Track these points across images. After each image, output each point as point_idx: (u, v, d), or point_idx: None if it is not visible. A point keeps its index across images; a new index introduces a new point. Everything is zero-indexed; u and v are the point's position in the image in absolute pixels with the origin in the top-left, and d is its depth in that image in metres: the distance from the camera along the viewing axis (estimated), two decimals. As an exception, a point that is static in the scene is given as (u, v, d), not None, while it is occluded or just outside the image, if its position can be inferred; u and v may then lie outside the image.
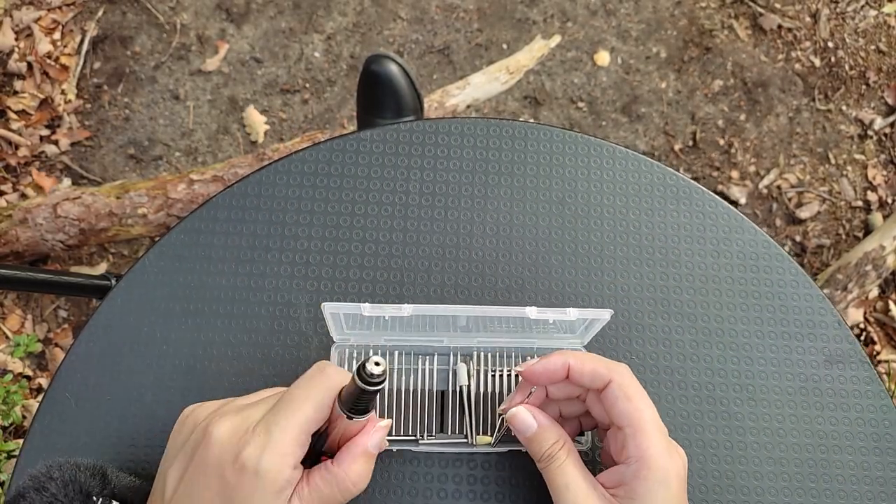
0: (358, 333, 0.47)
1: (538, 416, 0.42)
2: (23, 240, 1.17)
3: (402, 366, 0.48)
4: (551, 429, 0.41)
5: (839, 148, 1.45)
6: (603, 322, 0.43)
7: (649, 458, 0.38)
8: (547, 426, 0.42)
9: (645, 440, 0.38)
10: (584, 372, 0.40)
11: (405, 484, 0.47)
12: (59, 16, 1.45)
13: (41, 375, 1.23)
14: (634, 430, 0.39)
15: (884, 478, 0.49)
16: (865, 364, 0.51)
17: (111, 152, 1.39)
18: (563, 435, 0.42)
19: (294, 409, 0.36)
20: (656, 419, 0.40)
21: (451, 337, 0.47)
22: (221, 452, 0.35)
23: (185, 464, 0.37)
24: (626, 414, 0.39)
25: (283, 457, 0.35)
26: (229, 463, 0.35)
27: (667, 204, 0.55)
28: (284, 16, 1.47)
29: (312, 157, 0.55)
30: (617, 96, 1.46)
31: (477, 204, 0.55)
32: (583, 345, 0.48)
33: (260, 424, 0.36)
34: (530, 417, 0.42)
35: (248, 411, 0.37)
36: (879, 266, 1.23)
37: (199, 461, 0.36)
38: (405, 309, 0.40)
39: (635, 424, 0.39)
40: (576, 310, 0.42)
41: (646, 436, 0.38)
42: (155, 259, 0.52)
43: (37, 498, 0.36)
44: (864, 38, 1.51)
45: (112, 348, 0.49)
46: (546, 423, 0.42)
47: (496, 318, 0.44)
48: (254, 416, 0.37)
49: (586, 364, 0.41)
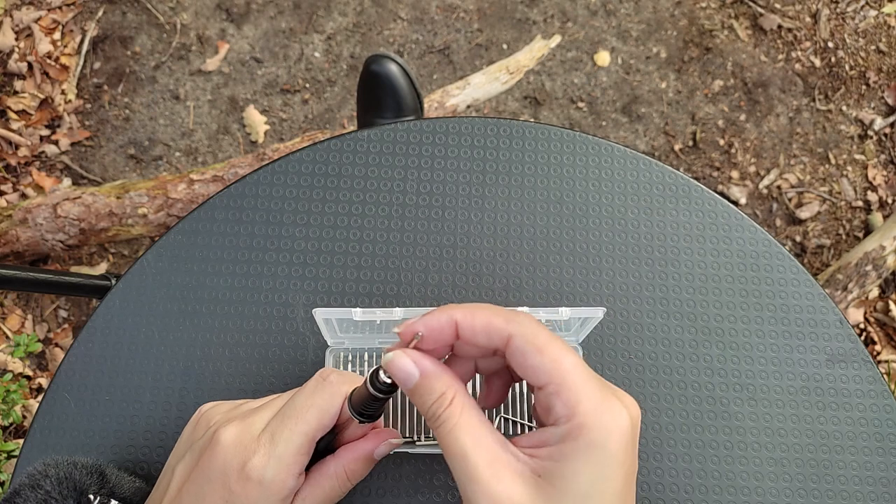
0: (352, 337, 0.47)
1: (422, 361, 0.33)
2: (23, 240, 1.17)
3: None
4: (440, 377, 0.32)
5: (839, 148, 1.45)
6: (597, 320, 0.43)
7: (579, 414, 0.30)
8: (434, 374, 0.32)
9: (571, 395, 0.30)
10: (476, 328, 0.32)
11: (402, 484, 0.47)
12: (59, 16, 1.45)
13: (41, 375, 1.23)
14: (556, 385, 0.30)
15: (887, 478, 0.49)
16: (868, 363, 0.51)
17: (111, 152, 1.39)
18: (453, 385, 0.32)
19: (298, 418, 0.36)
20: (582, 367, 0.31)
21: None
22: (227, 460, 0.36)
23: (191, 464, 0.37)
24: (540, 369, 0.31)
25: (287, 467, 0.35)
26: (234, 471, 0.35)
27: (666, 202, 0.55)
28: (284, 16, 1.47)
29: (310, 157, 0.55)
30: (617, 96, 1.45)
31: (475, 203, 0.54)
32: (578, 342, 0.48)
33: (265, 434, 0.36)
34: (411, 364, 0.32)
35: (253, 417, 0.38)
36: (880, 266, 1.23)
37: (204, 465, 0.36)
38: (396, 313, 0.40)
39: (555, 379, 0.30)
40: (568, 309, 0.40)
41: (571, 390, 0.30)
42: (153, 260, 0.52)
43: (31, 495, 0.37)
44: (864, 39, 1.51)
45: (111, 349, 0.49)
46: (433, 369, 0.33)
47: None
48: (258, 423, 0.37)
49: (477, 317, 0.32)
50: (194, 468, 0.37)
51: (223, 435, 0.36)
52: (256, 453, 0.35)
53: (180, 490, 0.37)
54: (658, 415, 0.49)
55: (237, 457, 0.35)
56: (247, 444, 0.36)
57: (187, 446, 0.39)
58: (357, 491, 0.46)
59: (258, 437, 0.36)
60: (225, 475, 0.35)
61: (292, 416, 0.36)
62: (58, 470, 0.38)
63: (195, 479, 0.36)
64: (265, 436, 0.36)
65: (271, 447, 0.35)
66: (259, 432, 0.36)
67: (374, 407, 0.36)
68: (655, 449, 0.49)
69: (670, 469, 0.48)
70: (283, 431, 0.36)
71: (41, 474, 0.38)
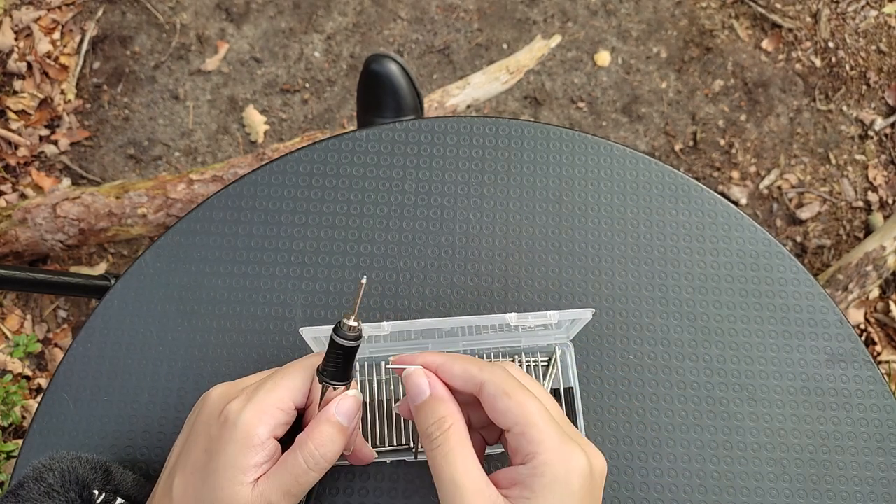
0: None
1: (435, 384, 0.36)
2: (22, 240, 1.17)
3: (392, 376, 0.47)
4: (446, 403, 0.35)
5: (840, 148, 1.44)
6: (585, 321, 0.43)
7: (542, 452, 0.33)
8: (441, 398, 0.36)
9: (536, 433, 0.33)
10: (455, 373, 0.36)
11: (399, 485, 0.47)
12: (58, 16, 1.45)
13: (41, 376, 1.23)
14: (521, 426, 0.34)
15: (887, 479, 0.48)
16: (868, 363, 0.51)
17: (111, 152, 1.39)
18: (455, 415, 0.35)
19: (283, 374, 0.37)
20: (544, 412, 0.34)
21: (437, 343, 0.47)
22: (211, 409, 0.37)
23: (186, 433, 0.39)
24: (507, 412, 0.34)
25: (261, 414, 0.36)
26: (215, 417, 0.37)
27: (665, 202, 0.55)
28: (284, 16, 1.47)
29: (308, 156, 0.55)
30: (617, 96, 1.45)
31: (473, 203, 0.54)
32: (569, 339, 0.48)
33: (251, 386, 0.38)
34: (425, 383, 0.36)
35: (244, 379, 0.40)
36: (880, 266, 1.22)
37: (194, 424, 0.38)
38: (384, 327, 0.40)
39: (520, 421, 0.34)
40: (556, 312, 0.41)
41: (535, 429, 0.33)
42: (151, 260, 0.52)
43: (34, 487, 0.38)
44: (864, 39, 1.50)
45: (109, 349, 0.49)
46: (442, 394, 0.36)
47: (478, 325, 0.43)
48: (247, 382, 0.39)
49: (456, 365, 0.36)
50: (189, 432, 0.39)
51: (212, 392, 0.39)
52: (237, 399, 0.36)
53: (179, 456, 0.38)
54: (658, 415, 0.49)
55: (219, 405, 0.37)
56: (230, 395, 0.37)
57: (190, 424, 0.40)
58: (355, 491, 0.46)
59: (243, 389, 0.38)
60: (208, 423, 0.37)
61: (279, 372, 0.38)
62: (62, 464, 0.39)
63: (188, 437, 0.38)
64: (250, 388, 0.37)
65: (251, 394, 0.36)
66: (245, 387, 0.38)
67: (339, 361, 0.36)
68: (655, 449, 0.48)
69: (670, 469, 0.48)
70: (266, 383, 0.37)
71: (45, 467, 0.39)
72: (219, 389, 0.39)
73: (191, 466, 0.36)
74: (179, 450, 0.39)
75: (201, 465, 0.36)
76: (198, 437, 0.37)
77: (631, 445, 0.48)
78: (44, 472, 0.38)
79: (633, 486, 0.47)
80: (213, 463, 0.35)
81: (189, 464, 0.37)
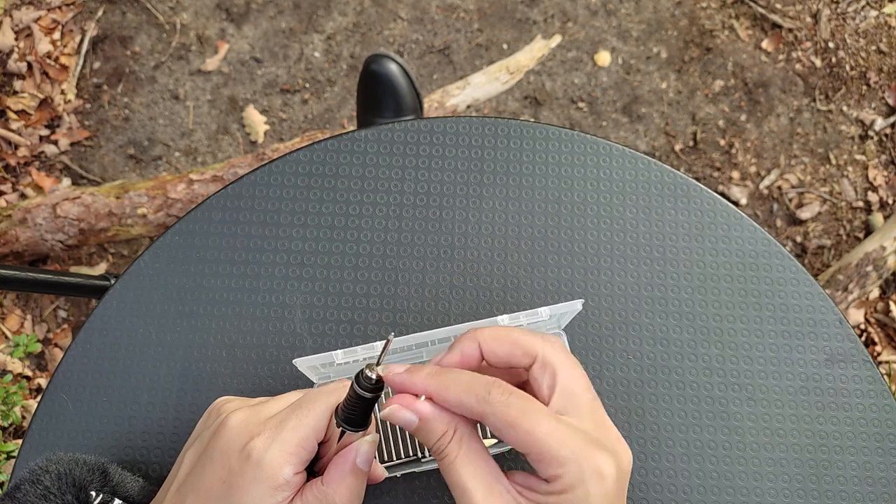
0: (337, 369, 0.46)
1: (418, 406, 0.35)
2: (22, 240, 1.17)
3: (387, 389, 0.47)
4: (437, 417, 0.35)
5: (840, 148, 1.44)
6: (575, 312, 0.42)
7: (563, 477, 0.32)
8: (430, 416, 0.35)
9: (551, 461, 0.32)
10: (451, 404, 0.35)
11: (406, 494, 0.46)
12: (58, 16, 1.45)
13: (41, 376, 1.23)
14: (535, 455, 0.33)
15: (886, 479, 0.48)
16: (868, 363, 0.51)
17: (111, 152, 1.39)
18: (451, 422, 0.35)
19: (307, 410, 0.36)
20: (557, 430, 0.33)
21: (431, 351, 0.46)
22: (231, 439, 0.36)
23: (199, 450, 0.38)
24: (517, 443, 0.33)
25: (287, 454, 0.35)
26: (236, 451, 0.35)
27: (665, 202, 0.55)
28: (284, 16, 1.47)
29: (307, 157, 0.55)
30: (617, 96, 1.45)
31: (474, 203, 0.54)
32: (561, 328, 0.47)
33: (273, 419, 0.36)
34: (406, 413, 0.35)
35: (264, 406, 0.38)
36: (880, 267, 1.22)
37: (210, 448, 0.37)
38: (378, 347, 0.40)
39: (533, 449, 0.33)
40: (546, 308, 0.41)
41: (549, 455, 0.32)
42: (150, 261, 0.52)
43: (31, 490, 0.37)
44: (864, 39, 1.50)
45: (108, 350, 0.49)
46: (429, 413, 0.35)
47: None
48: (270, 411, 0.38)
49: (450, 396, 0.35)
50: (203, 452, 0.37)
51: (231, 418, 0.37)
52: (260, 435, 0.35)
53: (188, 474, 0.37)
54: (657, 415, 0.49)
55: (241, 437, 0.36)
56: (252, 427, 0.36)
57: (198, 435, 0.39)
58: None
59: (265, 421, 0.36)
60: (227, 454, 0.36)
61: (303, 407, 0.37)
62: (58, 466, 0.39)
63: (202, 460, 0.37)
64: (273, 421, 0.36)
65: (276, 431, 0.36)
66: (267, 419, 0.37)
67: (359, 410, 0.35)
68: (655, 449, 0.48)
69: (669, 469, 0.48)
70: (290, 420, 0.36)
71: (42, 470, 0.39)
72: (239, 417, 0.37)
73: (204, 493, 0.36)
74: (190, 465, 0.38)
75: (218, 495, 0.35)
76: (214, 466, 0.36)
77: (630, 445, 0.48)
78: (40, 475, 0.38)
79: (632, 486, 0.47)
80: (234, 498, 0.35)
81: (203, 490, 0.36)
